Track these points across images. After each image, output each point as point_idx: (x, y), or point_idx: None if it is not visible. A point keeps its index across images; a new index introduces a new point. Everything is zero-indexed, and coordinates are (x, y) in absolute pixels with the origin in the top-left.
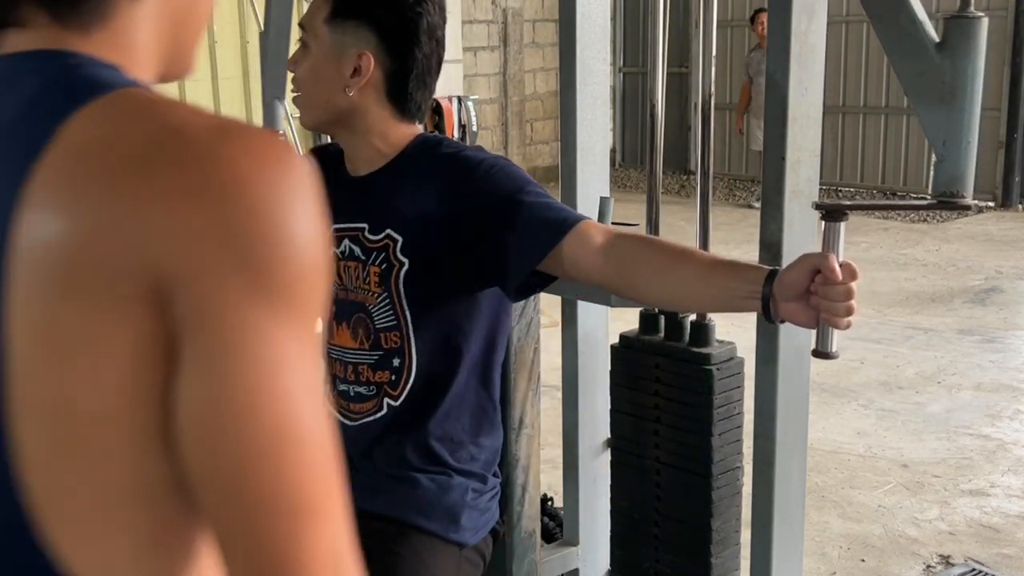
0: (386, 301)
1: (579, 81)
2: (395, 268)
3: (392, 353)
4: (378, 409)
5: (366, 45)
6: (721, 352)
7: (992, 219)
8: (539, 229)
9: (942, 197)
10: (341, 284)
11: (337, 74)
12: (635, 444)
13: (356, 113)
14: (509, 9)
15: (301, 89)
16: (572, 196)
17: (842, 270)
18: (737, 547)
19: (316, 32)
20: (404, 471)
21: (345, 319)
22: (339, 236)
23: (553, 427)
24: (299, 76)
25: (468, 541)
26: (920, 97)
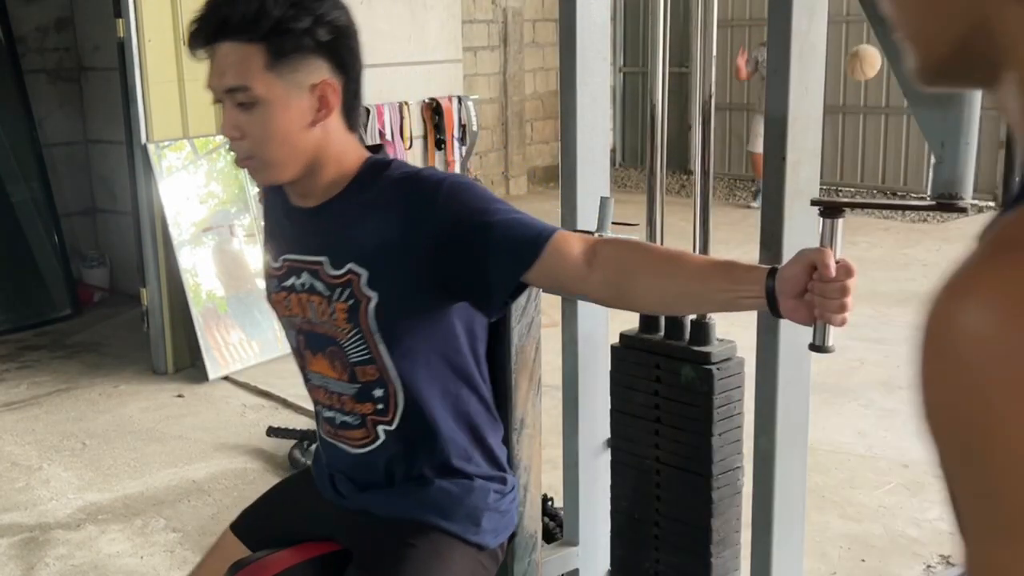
0: (357, 336)
1: (579, 81)
2: (363, 303)
3: (371, 385)
4: (374, 438)
5: (319, 72)
6: (721, 351)
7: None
8: (513, 248)
9: (941, 199)
10: (304, 317)
11: (302, 116)
12: (635, 444)
13: (319, 147)
14: (509, 9)
15: (260, 152)
16: (572, 196)
17: (838, 267)
18: (737, 547)
19: (260, 84)
20: (423, 482)
21: (320, 350)
22: (297, 267)
23: (553, 427)
24: (254, 140)
25: (488, 544)
26: (918, 100)
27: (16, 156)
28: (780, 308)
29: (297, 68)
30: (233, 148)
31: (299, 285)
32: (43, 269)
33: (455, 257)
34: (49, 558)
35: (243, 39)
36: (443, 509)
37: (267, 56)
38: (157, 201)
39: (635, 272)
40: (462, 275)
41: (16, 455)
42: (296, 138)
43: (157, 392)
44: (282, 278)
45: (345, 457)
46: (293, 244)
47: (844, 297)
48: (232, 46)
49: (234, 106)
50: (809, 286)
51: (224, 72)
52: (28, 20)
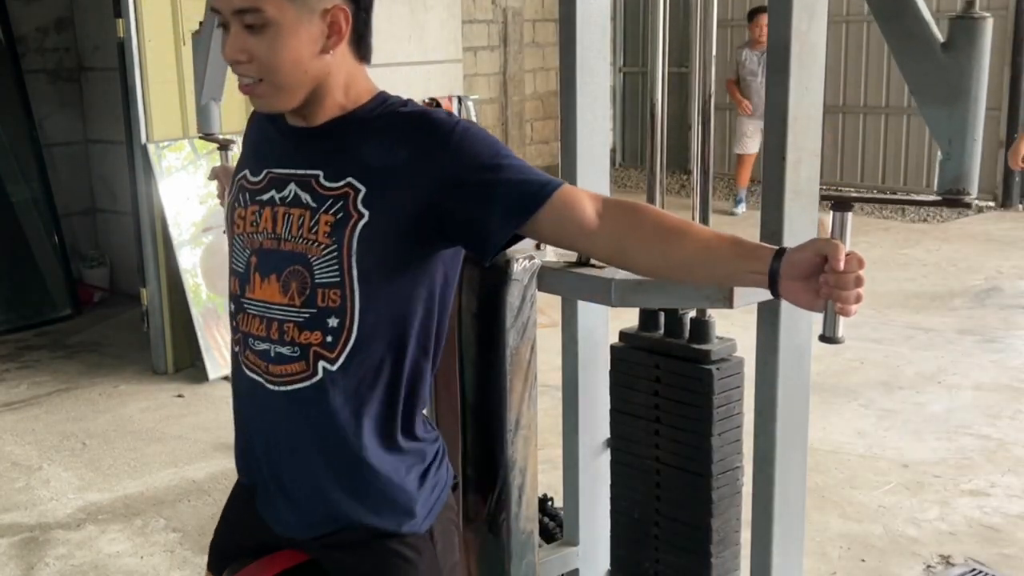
0: (332, 254)
1: (579, 81)
2: (352, 219)
3: (328, 312)
4: (312, 374)
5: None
6: (721, 349)
7: (992, 219)
8: (519, 195)
9: (947, 194)
10: (272, 233)
11: (311, 41)
12: (635, 444)
13: (328, 74)
14: (509, 9)
15: (269, 76)
16: None
17: (849, 258)
18: (737, 547)
19: (272, 6)
20: (344, 463)
21: (275, 271)
22: (282, 179)
23: (553, 427)
24: (263, 63)
25: (423, 529)
26: (926, 97)
27: (16, 156)
28: (780, 288)
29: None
30: (239, 72)
31: (279, 198)
32: (43, 269)
33: (458, 198)
34: (49, 558)
35: None
36: (373, 507)
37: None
38: (157, 201)
39: (641, 233)
40: (462, 215)
41: (16, 455)
42: (306, 64)
43: (157, 392)
44: (259, 191)
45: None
46: (283, 158)
47: (857, 288)
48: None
49: (242, 28)
50: (822, 278)
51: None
52: (28, 20)
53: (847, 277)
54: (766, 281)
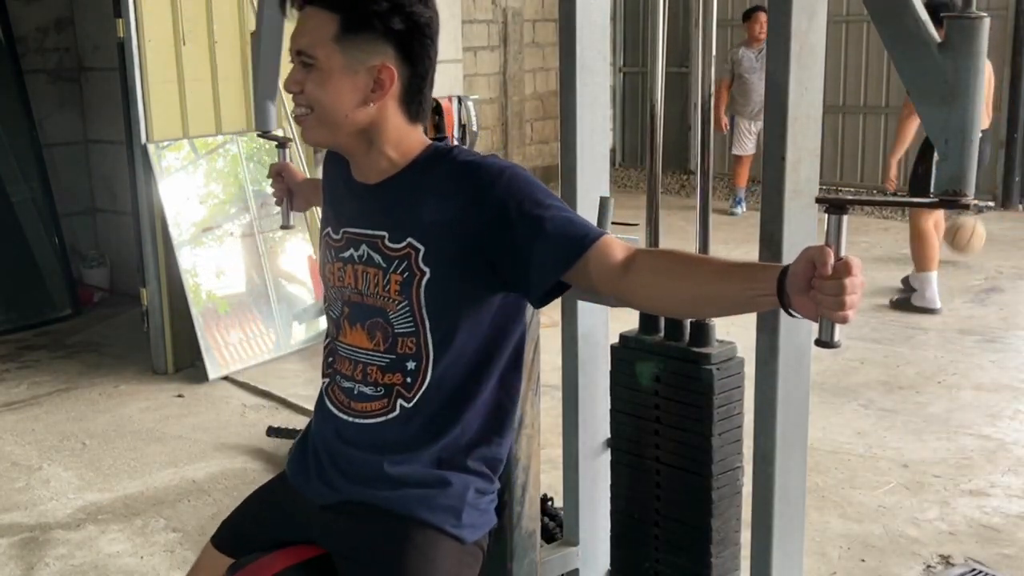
0: (406, 308)
1: (579, 81)
2: (416, 277)
3: (407, 357)
4: (391, 409)
5: (384, 57)
6: (721, 352)
7: (992, 219)
8: (562, 243)
9: (944, 196)
10: (355, 288)
11: (355, 90)
12: (635, 444)
13: (374, 125)
14: (509, 9)
15: (311, 106)
16: (572, 196)
17: (838, 265)
18: (737, 547)
19: (323, 52)
20: (411, 467)
21: (360, 321)
22: (356, 240)
23: (553, 427)
24: (311, 96)
25: (468, 537)
26: (922, 97)
27: (16, 156)
28: (793, 305)
29: (362, 47)
30: (295, 102)
31: (356, 256)
32: (43, 269)
33: (506, 242)
34: (49, 558)
35: (325, 5)
36: (424, 501)
37: (338, 27)
38: (157, 201)
39: (666, 282)
40: (510, 256)
41: (16, 455)
42: (347, 108)
43: (157, 392)
44: (340, 249)
45: (347, 429)
46: (355, 217)
47: (842, 294)
48: (314, 10)
49: (300, 64)
50: (813, 283)
51: (300, 33)
52: (28, 20)
53: (829, 283)
54: (776, 302)
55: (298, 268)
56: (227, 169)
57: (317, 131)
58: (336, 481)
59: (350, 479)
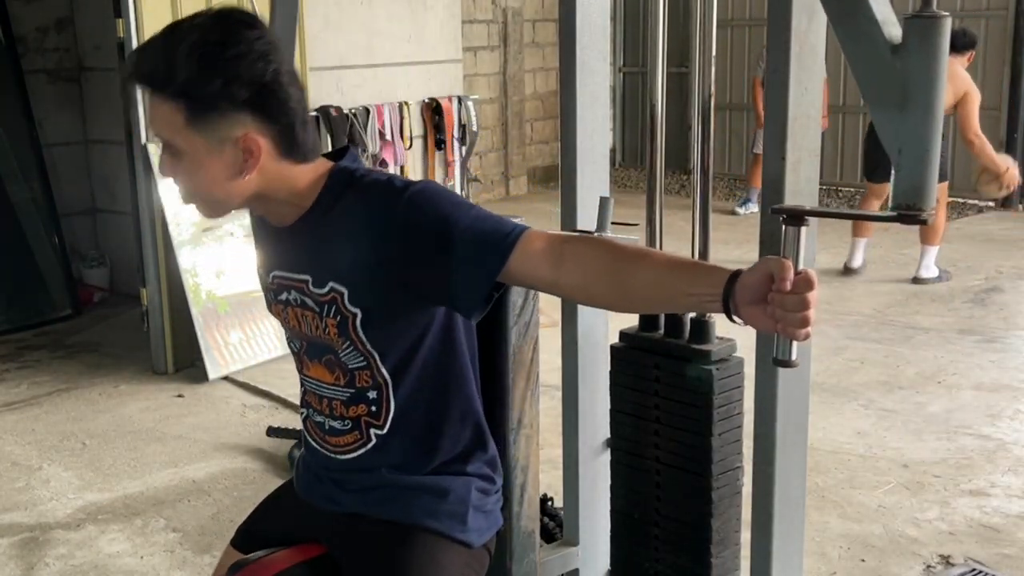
0: (350, 346)
1: (579, 81)
2: (349, 319)
3: (366, 389)
4: (366, 441)
5: (243, 127)
6: (721, 351)
7: (992, 219)
8: (480, 253)
9: (900, 209)
10: (299, 330)
11: (227, 167)
12: (635, 444)
13: (261, 187)
14: (509, 9)
15: (193, 194)
16: (572, 196)
17: (798, 279)
18: (737, 547)
19: (182, 140)
20: (410, 478)
21: (317, 357)
22: (285, 284)
23: (553, 427)
24: (184, 183)
25: (474, 542)
26: (875, 102)
27: (16, 156)
28: (740, 314)
29: (216, 125)
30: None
31: (291, 299)
32: (43, 269)
33: (424, 264)
34: (49, 558)
35: (162, 95)
36: (428, 509)
37: (185, 113)
38: (157, 201)
39: (598, 272)
40: (433, 281)
41: (16, 455)
42: (226, 186)
43: (157, 392)
44: (276, 292)
45: (332, 462)
46: (279, 261)
47: (803, 311)
48: (157, 99)
49: (166, 153)
50: (768, 297)
51: (154, 122)
52: (28, 20)
53: (789, 299)
54: (719, 306)
55: None
56: None
57: (210, 210)
58: (338, 496)
59: (352, 493)
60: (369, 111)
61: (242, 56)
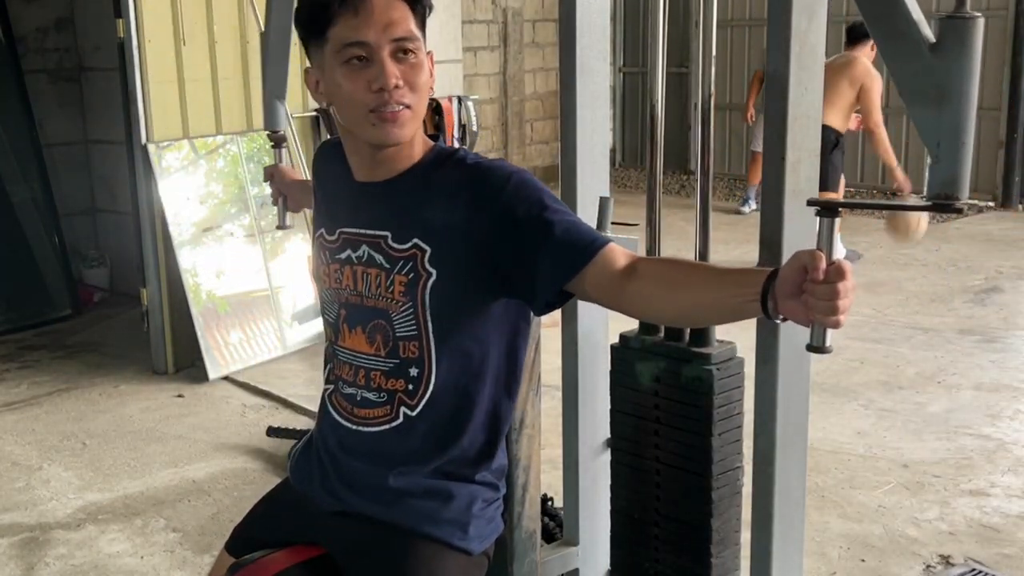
0: (409, 310)
1: (579, 81)
2: (423, 278)
3: (410, 362)
4: (394, 417)
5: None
6: (721, 352)
7: (992, 219)
8: (568, 250)
9: (937, 199)
10: (355, 290)
11: (429, 76)
12: (635, 444)
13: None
14: (509, 9)
15: (416, 103)
16: (572, 196)
17: (830, 269)
18: (737, 547)
19: (415, 41)
20: (416, 480)
21: (360, 324)
22: (355, 241)
23: (553, 427)
24: (413, 88)
25: (475, 549)
26: (914, 98)
27: (16, 156)
28: (780, 309)
29: (423, 34)
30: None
31: (356, 258)
32: (43, 269)
33: (512, 248)
34: (49, 558)
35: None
36: (430, 516)
37: (415, 18)
38: (157, 201)
39: (664, 286)
40: (514, 266)
41: (16, 455)
42: (427, 97)
43: (157, 392)
44: (336, 250)
45: (350, 437)
46: (352, 217)
47: (835, 299)
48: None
49: (393, 58)
50: (804, 287)
51: (390, 23)
52: (28, 20)
53: (821, 288)
54: (759, 307)
55: (298, 268)
56: (227, 169)
57: (410, 126)
58: (340, 492)
59: (354, 490)
60: None
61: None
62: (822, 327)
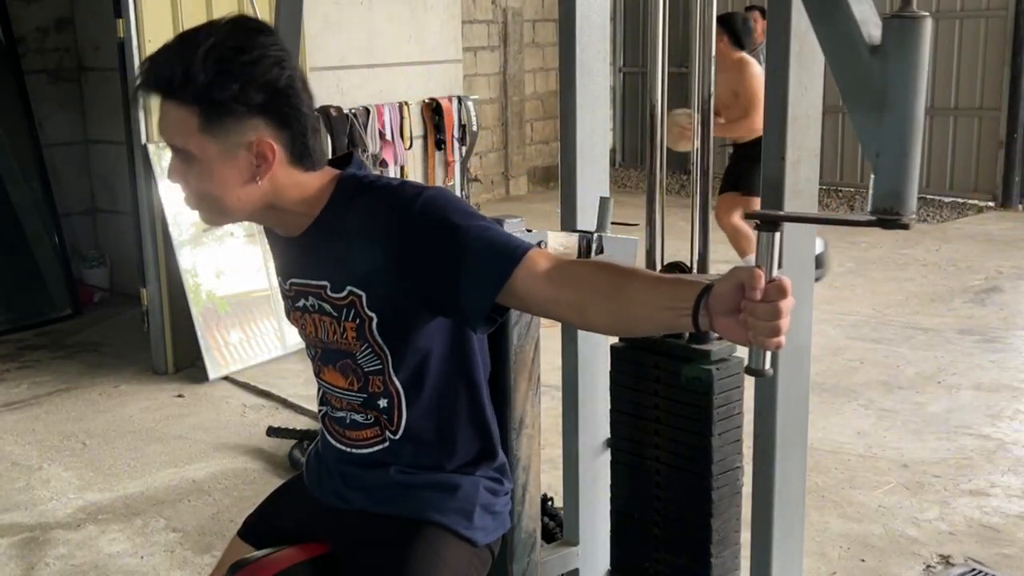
0: (368, 349)
1: (579, 81)
2: (367, 322)
3: (377, 395)
4: (382, 440)
5: (256, 131)
6: (721, 350)
7: (992, 219)
8: (489, 263)
9: (880, 214)
10: (316, 336)
11: (240, 172)
12: (635, 444)
13: (269, 195)
14: (509, 9)
15: (202, 200)
16: (572, 196)
17: (770, 287)
18: (737, 547)
19: (195, 145)
20: (419, 475)
21: (332, 363)
22: (303, 291)
23: (553, 427)
24: (194, 189)
25: (479, 540)
26: (854, 104)
27: (16, 156)
28: (715, 326)
29: (230, 130)
30: (183, 192)
31: (309, 306)
32: (43, 269)
33: (433, 270)
34: (49, 558)
35: (176, 100)
36: (435, 504)
37: (200, 118)
38: (157, 201)
39: (594, 288)
40: (441, 288)
41: (16, 455)
42: (237, 192)
43: (157, 392)
44: (294, 299)
45: (348, 456)
46: (295, 269)
47: (775, 319)
48: (169, 104)
49: (176, 159)
50: (741, 306)
51: (164, 128)
52: (28, 20)
53: (760, 308)
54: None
55: None
56: None
57: (216, 218)
58: (348, 495)
59: (361, 491)
60: (369, 111)
61: (257, 61)
62: (762, 348)
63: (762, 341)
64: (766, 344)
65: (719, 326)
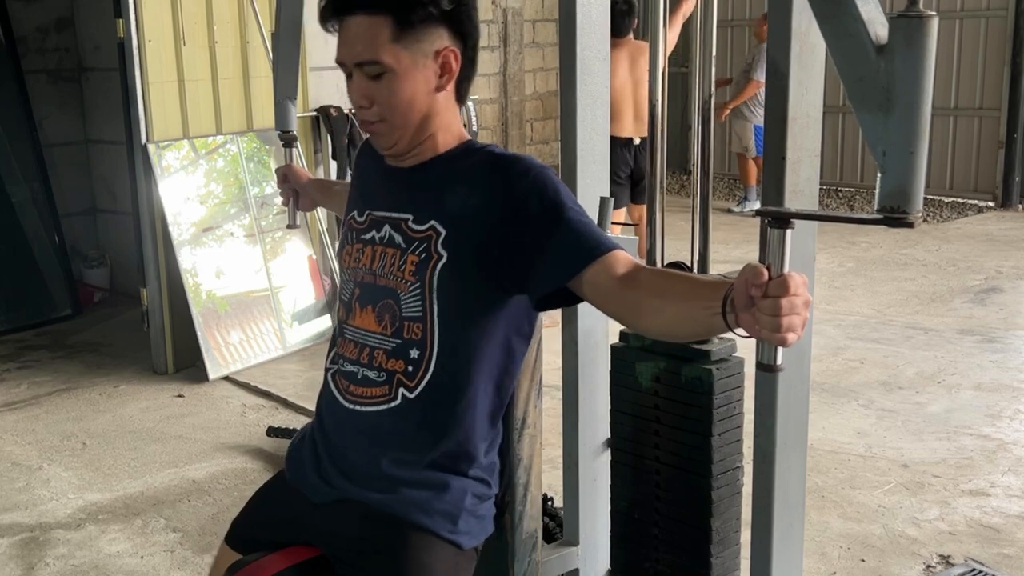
0: (417, 291)
1: (579, 81)
2: (433, 260)
3: (412, 344)
4: (392, 398)
5: (442, 41)
6: (721, 350)
7: (992, 219)
8: (572, 250)
9: (886, 212)
10: (370, 269)
11: (426, 83)
12: (635, 444)
13: (435, 113)
14: (509, 9)
15: (390, 116)
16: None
17: (773, 283)
18: (737, 547)
19: (389, 56)
20: (409, 469)
21: (371, 303)
22: (380, 221)
23: (553, 427)
24: (384, 105)
25: (464, 544)
26: (860, 103)
27: (16, 156)
28: (739, 321)
29: (421, 38)
30: (361, 115)
31: (378, 238)
32: (43, 269)
33: (520, 237)
34: (49, 558)
35: (371, 11)
36: (423, 504)
37: (393, 27)
38: (157, 201)
39: (652, 296)
40: (519, 257)
41: (16, 455)
42: (421, 103)
43: (157, 392)
44: (363, 231)
45: (348, 417)
46: (382, 200)
47: (778, 316)
48: (361, 19)
49: (363, 77)
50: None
51: (354, 45)
52: (28, 20)
53: (765, 303)
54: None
55: (298, 268)
56: (227, 169)
57: (391, 137)
58: (334, 479)
59: (348, 477)
60: None
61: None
62: (771, 343)
63: (767, 336)
64: (770, 339)
65: (741, 321)
